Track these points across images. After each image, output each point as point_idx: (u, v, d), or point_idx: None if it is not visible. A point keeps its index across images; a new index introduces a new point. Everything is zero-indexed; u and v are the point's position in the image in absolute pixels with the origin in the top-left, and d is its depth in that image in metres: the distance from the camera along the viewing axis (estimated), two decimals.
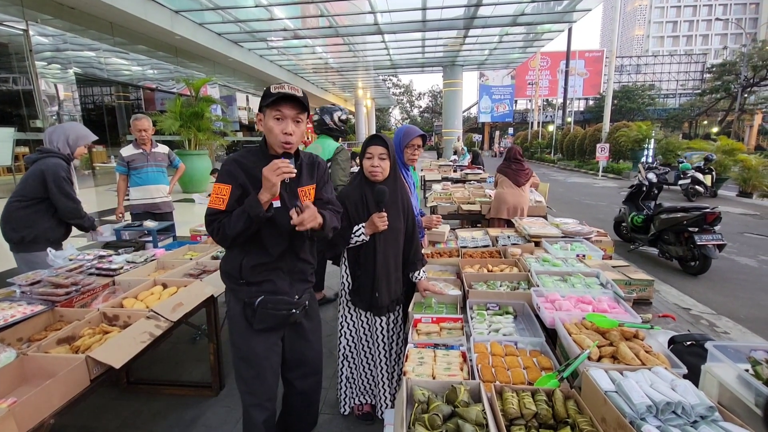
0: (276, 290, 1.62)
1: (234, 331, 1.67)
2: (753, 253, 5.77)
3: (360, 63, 18.01)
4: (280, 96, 1.46)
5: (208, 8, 9.85)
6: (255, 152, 1.59)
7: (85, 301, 2.12)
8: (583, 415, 1.18)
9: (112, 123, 10.46)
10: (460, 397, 1.24)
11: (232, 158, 1.58)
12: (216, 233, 1.51)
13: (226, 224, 1.47)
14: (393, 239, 2.04)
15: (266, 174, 1.40)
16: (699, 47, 70.54)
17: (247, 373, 1.68)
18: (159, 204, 3.98)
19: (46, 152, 2.65)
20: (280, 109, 1.47)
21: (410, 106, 64.02)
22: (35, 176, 2.57)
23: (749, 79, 29.68)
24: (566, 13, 11.67)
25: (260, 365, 1.66)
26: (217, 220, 1.50)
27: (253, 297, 1.60)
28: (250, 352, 1.65)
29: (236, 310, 1.64)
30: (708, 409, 1.08)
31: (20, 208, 2.57)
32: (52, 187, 2.56)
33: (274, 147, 1.54)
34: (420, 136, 2.43)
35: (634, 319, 1.71)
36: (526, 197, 4.33)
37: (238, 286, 1.61)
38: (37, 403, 1.34)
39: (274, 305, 1.60)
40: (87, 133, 2.88)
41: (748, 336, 3.40)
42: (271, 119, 1.49)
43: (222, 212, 1.50)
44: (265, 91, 1.51)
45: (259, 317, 1.59)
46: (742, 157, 11.41)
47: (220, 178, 1.53)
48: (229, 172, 1.53)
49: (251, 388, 1.69)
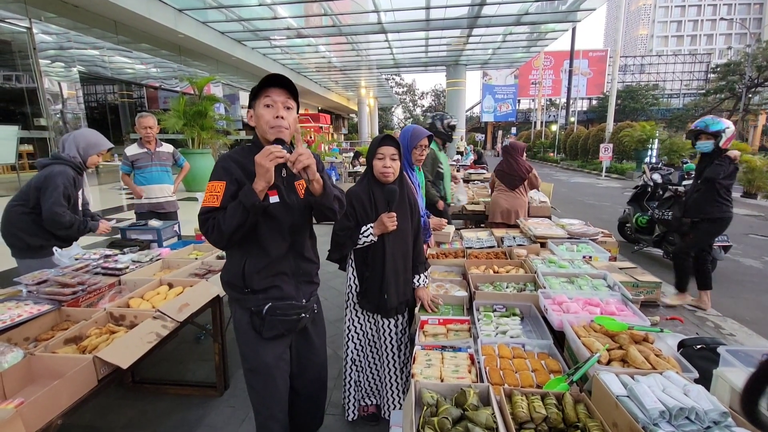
0: (283, 296, 1.57)
1: (242, 342, 1.63)
2: (758, 255, 5.74)
3: (363, 62, 17.99)
4: (269, 79, 1.44)
5: (211, 7, 9.84)
6: (249, 149, 1.53)
7: (92, 300, 2.12)
8: (593, 419, 1.17)
9: (115, 121, 10.49)
10: (470, 401, 1.23)
11: (225, 155, 1.54)
12: (211, 232, 1.43)
13: (221, 220, 1.40)
14: (401, 239, 2.03)
15: (259, 160, 1.33)
16: (703, 47, 70.23)
17: (258, 384, 1.64)
18: (163, 204, 3.99)
19: (56, 159, 2.59)
20: (269, 94, 1.45)
21: (413, 105, 63.94)
22: (38, 182, 2.51)
23: (754, 79, 29.50)
24: (570, 13, 11.60)
25: (271, 375, 1.63)
26: (212, 217, 1.43)
27: (261, 305, 1.54)
28: (260, 363, 1.61)
29: (243, 319, 1.59)
30: (721, 415, 1.07)
31: (23, 213, 2.51)
32: (44, 190, 2.47)
33: (266, 136, 1.47)
34: (427, 136, 2.44)
35: (643, 322, 1.70)
36: (521, 200, 4.12)
37: (243, 296, 1.56)
38: (45, 404, 1.34)
39: (283, 311, 1.57)
40: (99, 140, 2.77)
41: (753, 338, 3.38)
42: (260, 107, 1.45)
43: (216, 209, 1.43)
44: (253, 87, 1.48)
45: (268, 325, 1.55)
46: (746, 157, 11.31)
47: (214, 176, 1.47)
48: (224, 168, 1.48)
49: (265, 400, 1.66)
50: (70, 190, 2.55)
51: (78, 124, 8.62)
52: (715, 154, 3.47)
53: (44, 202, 2.47)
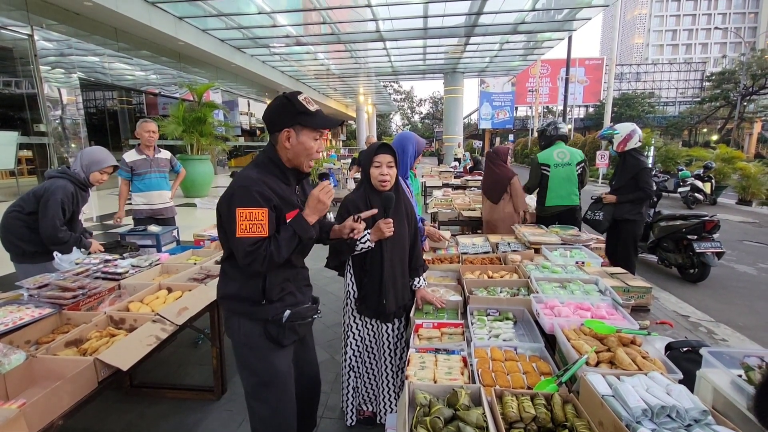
0: (297, 301, 1.63)
1: (253, 357, 1.57)
2: (752, 261, 5.80)
3: (361, 69, 18.13)
4: (327, 124, 1.53)
5: (211, 15, 9.95)
6: (270, 169, 1.52)
7: (92, 304, 2.15)
8: (581, 418, 1.21)
9: (114, 127, 10.53)
10: (461, 401, 1.27)
11: (255, 178, 1.45)
12: (263, 262, 1.41)
13: (274, 252, 1.41)
14: (399, 245, 2.07)
15: (321, 197, 1.48)
16: (698, 56, 71.01)
17: (273, 397, 1.61)
18: (162, 210, 4.02)
19: (61, 173, 2.66)
20: (322, 131, 1.53)
21: (411, 112, 64.31)
22: (37, 192, 2.57)
23: (748, 87, 29.85)
24: (566, 22, 11.78)
25: (287, 384, 1.64)
26: (262, 248, 1.40)
27: (279, 313, 1.55)
28: (276, 373, 1.59)
29: (254, 332, 1.55)
30: (702, 413, 1.11)
31: (18, 219, 2.57)
32: (43, 203, 2.51)
33: (302, 165, 1.54)
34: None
35: (632, 326, 1.74)
36: (502, 212, 3.92)
37: (257, 307, 1.53)
38: (47, 405, 1.37)
39: (302, 315, 1.61)
40: (103, 158, 2.77)
41: (746, 343, 3.42)
42: (310, 139, 1.51)
43: (266, 239, 1.42)
44: (295, 105, 1.47)
45: (289, 332, 1.57)
46: (741, 165, 11.46)
47: (252, 202, 1.40)
48: (261, 194, 1.42)
49: (280, 412, 1.63)
50: (67, 204, 2.59)
51: (77, 130, 8.67)
52: (620, 157, 3.88)
53: (42, 217, 2.52)
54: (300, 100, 1.48)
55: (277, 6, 10.04)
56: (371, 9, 10.06)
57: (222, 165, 15.57)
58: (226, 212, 1.44)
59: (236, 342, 1.58)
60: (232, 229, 1.41)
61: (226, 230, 1.49)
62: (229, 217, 1.42)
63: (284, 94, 1.51)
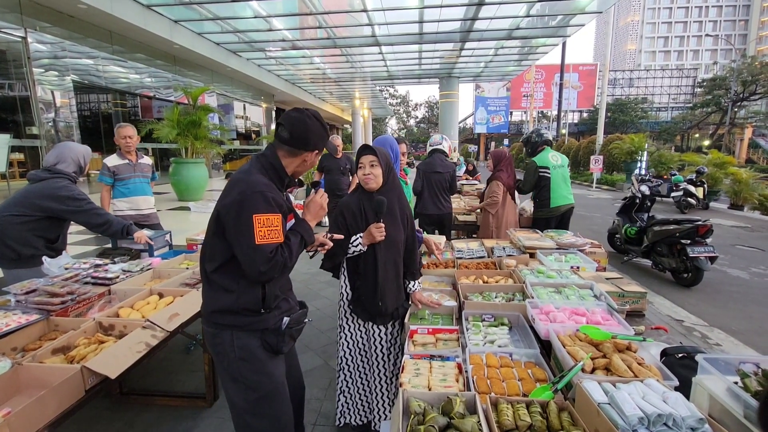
0: (290, 307, 1.63)
1: (250, 371, 1.51)
2: (744, 266, 5.84)
3: (357, 74, 18.16)
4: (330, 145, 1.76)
5: (207, 18, 9.92)
6: (271, 175, 1.52)
7: (81, 310, 2.11)
8: (576, 426, 1.20)
9: (108, 131, 10.43)
10: (456, 409, 1.25)
11: (269, 184, 1.47)
12: (278, 268, 1.42)
13: (288, 258, 1.44)
14: (393, 248, 2.06)
15: (322, 203, 1.64)
16: (690, 62, 71.96)
17: (271, 409, 1.57)
18: (148, 215, 3.89)
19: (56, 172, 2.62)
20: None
21: (407, 116, 64.50)
22: (45, 193, 2.52)
23: (739, 93, 30.28)
24: (560, 28, 11.88)
25: (284, 393, 1.61)
26: (279, 254, 1.42)
27: (278, 321, 1.54)
28: (274, 384, 1.56)
29: (250, 344, 1.50)
30: (698, 421, 1.10)
31: (20, 223, 2.48)
32: (67, 201, 2.54)
33: (300, 175, 1.67)
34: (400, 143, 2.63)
35: (627, 331, 1.73)
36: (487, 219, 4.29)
37: (256, 318, 1.49)
38: (33, 414, 1.34)
39: (298, 320, 1.60)
40: (84, 147, 2.84)
41: (740, 348, 3.43)
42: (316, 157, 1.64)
43: (280, 245, 1.44)
44: (326, 130, 1.60)
45: (287, 338, 1.56)
46: (732, 170, 11.59)
47: (269, 208, 1.40)
48: (276, 199, 1.43)
49: (280, 423, 1.59)
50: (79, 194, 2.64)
51: (70, 132, 8.59)
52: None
53: (79, 212, 2.57)
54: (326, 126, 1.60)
55: (273, 10, 10.04)
56: (367, 14, 10.08)
57: (217, 168, 15.49)
58: (235, 219, 1.37)
59: (228, 358, 1.50)
60: (246, 236, 1.36)
61: (232, 239, 1.41)
62: (241, 225, 1.36)
63: (317, 116, 1.56)
